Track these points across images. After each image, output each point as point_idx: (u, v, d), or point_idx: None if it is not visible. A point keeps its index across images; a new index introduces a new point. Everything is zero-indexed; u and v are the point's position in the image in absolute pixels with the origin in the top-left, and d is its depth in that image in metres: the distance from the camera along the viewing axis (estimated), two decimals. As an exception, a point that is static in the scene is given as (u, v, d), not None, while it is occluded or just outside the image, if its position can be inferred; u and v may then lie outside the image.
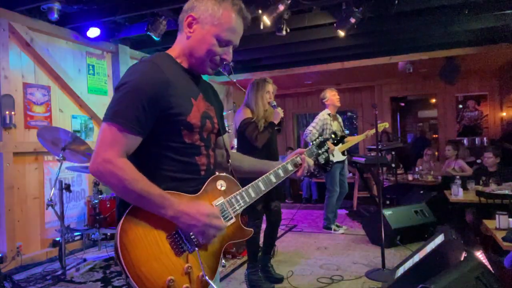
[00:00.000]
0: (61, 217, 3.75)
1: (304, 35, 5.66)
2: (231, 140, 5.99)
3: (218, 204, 1.36)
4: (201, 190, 1.34)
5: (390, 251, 4.17)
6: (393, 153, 6.83)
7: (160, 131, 1.27)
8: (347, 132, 5.96)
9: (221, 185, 1.39)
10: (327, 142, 1.76)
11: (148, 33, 4.63)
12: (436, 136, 9.57)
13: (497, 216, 3.19)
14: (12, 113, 4.16)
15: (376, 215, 4.29)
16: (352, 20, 4.43)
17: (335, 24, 4.79)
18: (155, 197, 1.20)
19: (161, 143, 1.29)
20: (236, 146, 3.74)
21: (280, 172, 1.54)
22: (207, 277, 1.25)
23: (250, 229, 1.45)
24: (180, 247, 1.24)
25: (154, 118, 1.24)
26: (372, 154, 6.61)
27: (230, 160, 1.54)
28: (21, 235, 4.27)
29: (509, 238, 2.85)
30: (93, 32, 4.91)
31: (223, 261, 3.92)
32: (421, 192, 5.58)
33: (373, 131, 5.15)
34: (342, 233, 5.18)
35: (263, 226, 3.51)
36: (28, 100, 4.45)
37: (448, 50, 6.39)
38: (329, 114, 5.10)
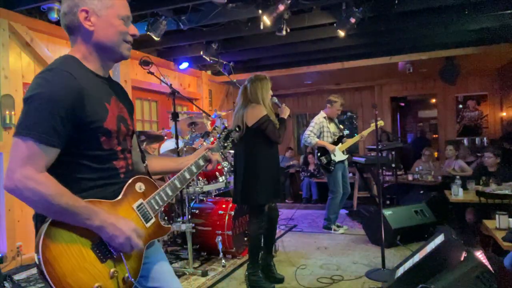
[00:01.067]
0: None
1: (304, 35, 5.67)
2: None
3: (138, 206, 1.39)
4: (121, 194, 1.35)
5: (390, 251, 4.17)
6: (393, 153, 6.83)
7: (79, 141, 1.25)
8: (347, 132, 5.98)
9: (140, 187, 1.42)
10: (231, 133, 1.86)
11: (148, 33, 4.63)
12: (436, 136, 9.57)
13: (497, 216, 3.19)
14: (12, 113, 4.16)
15: (376, 215, 4.29)
16: (352, 20, 4.44)
17: (335, 24, 4.80)
18: (80, 209, 1.19)
19: (79, 152, 1.26)
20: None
21: (193, 168, 1.61)
22: (132, 278, 1.31)
23: (169, 226, 1.52)
24: (105, 254, 1.26)
25: (71, 129, 1.21)
26: (372, 154, 6.62)
27: (145, 160, 1.57)
28: (21, 235, 4.27)
29: (509, 238, 2.85)
30: (93, 32, 4.91)
31: (223, 261, 3.92)
32: (421, 192, 5.58)
33: (366, 131, 5.27)
34: (342, 233, 5.18)
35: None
36: (28, 100, 4.44)
37: (448, 50, 6.40)
38: (324, 117, 5.24)
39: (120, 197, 1.35)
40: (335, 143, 5.20)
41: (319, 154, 5.18)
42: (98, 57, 1.35)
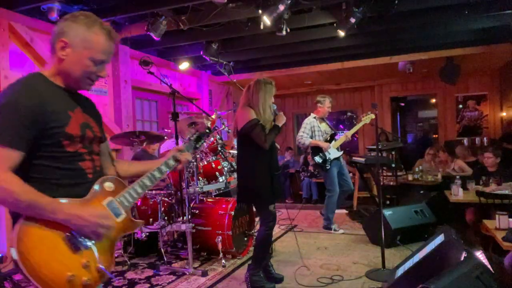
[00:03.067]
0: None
1: (304, 35, 5.67)
2: (230, 140, 5.99)
3: (108, 203, 1.49)
4: (90, 193, 1.46)
5: (390, 251, 4.17)
6: (393, 153, 6.83)
7: (43, 144, 1.37)
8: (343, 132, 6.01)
9: (109, 186, 1.52)
10: (203, 136, 1.97)
11: (148, 33, 4.63)
12: (436, 136, 9.57)
13: (497, 216, 3.19)
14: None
15: (376, 215, 4.29)
16: (352, 20, 4.44)
17: (335, 24, 4.80)
18: (45, 204, 1.31)
19: (45, 155, 1.39)
20: (236, 147, 3.72)
21: (163, 167, 1.71)
22: (102, 266, 1.39)
23: (141, 220, 1.64)
24: (76, 246, 1.36)
25: (34, 133, 1.34)
26: (372, 154, 6.61)
27: (114, 163, 1.72)
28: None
29: (509, 238, 2.85)
30: (93, 32, 4.91)
31: (223, 261, 3.92)
32: (421, 192, 5.58)
33: (350, 132, 5.36)
34: (342, 233, 5.18)
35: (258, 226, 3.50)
36: (28, 100, 4.45)
37: (448, 50, 6.40)
38: (315, 117, 5.34)
39: (88, 195, 1.46)
40: (328, 141, 5.26)
41: (313, 154, 5.21)
42: (63, 79, 1.49)
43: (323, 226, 5.42)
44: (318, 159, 5.16)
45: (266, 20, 4.33)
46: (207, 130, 2.09)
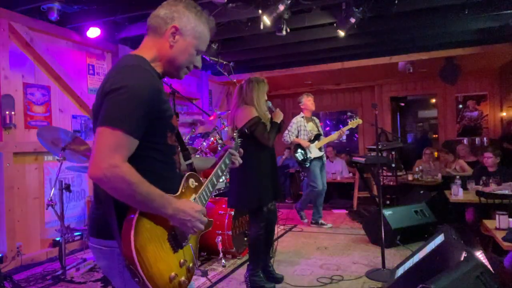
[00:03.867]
0: (61, 217, 3.75)
1: (304, 35, 5.67)
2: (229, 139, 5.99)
3: (194, 200, 1.49)
4: (180, 189, 1.44)
5: (390, 251, 4.17)
6: (393, 153, 6.83)
7: (150, 135, 1.32)
8: (346, 133, 6.07)
9: (192, 182, 1.53)
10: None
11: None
12: (436, 136, 9.57)
13: (497, 216, 3.19)
14: (12, 113, 4.16)
15: (376, 215, 4.29)
16: (352, 20, 4.44)
17: (335, 24, 4.80)
18: (157, 197, 1.26)
19: (149, 146, 1.34)
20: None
21: (223, 166, 1.75)
22: (196, 266, 1.43)
23: (211, 219, 1.59)
24: (177, 245, 1.36)
25: (148, 123, 1.30)
26: (372, 154, 6.62)
27: (190, 158, 1.67)
28: (21, 235, 4.27)
29: (509, 238, 2.85)
30: (93, 32, 4.91)
31: (223, 261, 3.92)
32: (421, 192, 5.59)
33: (336, 134, 5.66)
34: (330, 227, 5.51)
35: None
36: (28, 100, 4.45)
37: (448, 50, 6.40)
38: (302, 117, 5.58)
39: (179, 192, 1.43)
40: (312, 141, 5.48)
41: (295, 151, 5.49)
42: (162, 66, 1.44)
43: (311, 222, 5.68)
44: (298, 156, 5.43)
45: (266, 20, 4.34)
46: (245, 127, 2.16)
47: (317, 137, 5.51)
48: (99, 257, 1.41)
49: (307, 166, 5.41)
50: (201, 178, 1.58)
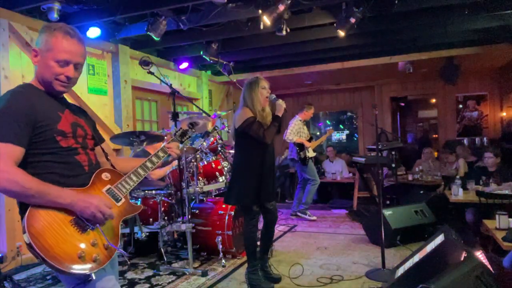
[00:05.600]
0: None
1: (304, 35, 5.67)
2: (229, 140, 5.99)
3: (107, 190, 1.64)
4: (90, 183, 1.62)
5: (390, 251, 4.17)
6: (393, 153, 6.83)
7: (40, 141, 1.53)
8: (347, 132, 6.21)
9: (106, 176, 1.68)
10: (187, 132, 2.11)
11: (148, 33, 4.63)
12: (436, 136, 9.57)
13: (497, 216, 3.19)
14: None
15: (376, 215, 4.29)
16: (352, 20, 4.43)
17: (335, 24, 4.79)
18: (52, 190, 1.46)
19: (43, 151, 1.54)
20: (233, 146, 3.73)
21: (154, 159, 1.85)
22: (111, 243, 1.54)
23: (140, 205, 1.77)
24: (83, 227, 1.50)
25: (30, 130, 1.50)
26: (372, 154, 6.62)
27: (109, 158, 1.85)
28: (21, 235, 4.25)
29: (509, 238, 2.85)
30: (93, 32, 4.91)
31: (223, 261, 3.92)
32: (421, 192, 5.58)
33: (319, 140, 6.68)
34: (314, 219, 6.03)
35: (260, 226, 3.50)
36: (28, 100, 4.45)
37: (448, 50, 6.40)
38: (300, 120, 6.18)
39: (89, 184, 1.61)
40: (308, 141, 6.17)
41: (298, 149, 6.02)
42: (42, 85, 1.64)
43: (299, 210, 6.17)
44: (302, 154, 6.02)
45: (266, 20, 4.33)
46: (190, 126, 2.22)
47: (310, 140, 6.20)
48: None
49: (307, 163, 6.00)
50: (120, 172, 1.74)
